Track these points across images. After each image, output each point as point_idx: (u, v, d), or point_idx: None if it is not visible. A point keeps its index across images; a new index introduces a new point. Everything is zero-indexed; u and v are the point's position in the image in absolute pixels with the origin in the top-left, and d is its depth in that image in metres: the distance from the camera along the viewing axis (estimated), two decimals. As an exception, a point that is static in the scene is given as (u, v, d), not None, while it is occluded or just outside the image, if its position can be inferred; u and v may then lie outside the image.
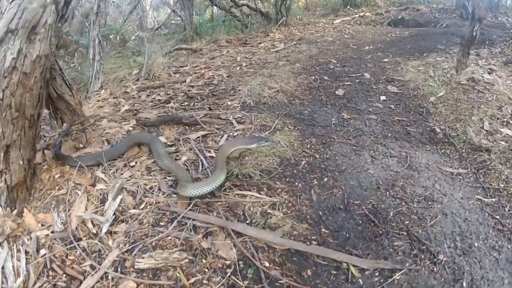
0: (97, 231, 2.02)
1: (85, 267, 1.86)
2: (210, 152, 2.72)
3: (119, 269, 1.85)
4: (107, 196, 2.22)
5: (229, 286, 1.84)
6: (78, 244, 1.95)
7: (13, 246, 1.94)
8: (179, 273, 1.83)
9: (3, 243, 1.94)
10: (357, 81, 4.40)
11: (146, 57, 4.69)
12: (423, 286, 2.02)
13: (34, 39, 1.91)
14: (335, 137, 3.16)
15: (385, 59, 5.11)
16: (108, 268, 1.85)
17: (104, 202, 2.18)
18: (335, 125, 3.39)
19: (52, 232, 2.02)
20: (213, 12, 7.83)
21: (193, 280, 1.83)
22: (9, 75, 1.89)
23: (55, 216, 2.11)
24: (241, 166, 2.51)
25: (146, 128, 3.09)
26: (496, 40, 5.60)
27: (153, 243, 1.99)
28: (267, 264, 1.95)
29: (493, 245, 2.43)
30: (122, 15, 8.39)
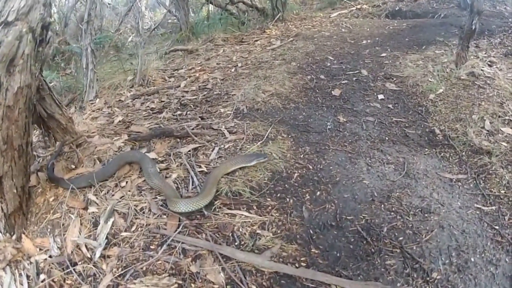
0: (91, 255, 2.00)
1: (82, 291, 1.85)
2: (200, 167, 2.62)
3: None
4: (99, 219, 2.19)
5: (217, 312, 1.78)
6: (74, 269, 1.93)
7: (15, 270, 1.95)
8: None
9: (5, 268, 1.95)
10: (354, 79, 4.23)
11: (140, 62, 4.55)
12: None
13: (14, 71, 1.85)
14: (330, 144, 3.03)
15: (383, 54, 4.90)
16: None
17: (96, 226, 2.15)
18: (330, 130, 3.25)
19: (50, 257, 2.02)
20: (209, 10, 7.60)
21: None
22: (-7, 110, 1.83)
23: (51, 241, 2.10)
24: (231, 183, 2.41)
25: (137, 143, 3.00)
26: (495, 31, 5.33)
27: (144, 268, 1.94)
28: (254, 288, 1.87)
29: (490, 259, 2.31)
30: (119, 17, 8.18)
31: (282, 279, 1.93)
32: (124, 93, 4.29)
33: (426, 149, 3.12)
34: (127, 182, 2.53)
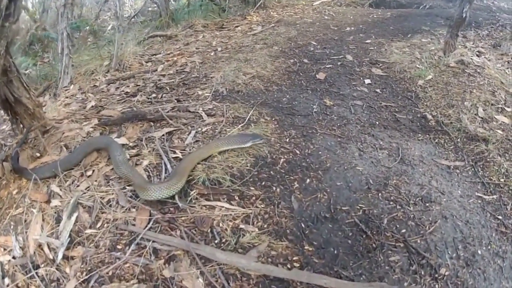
0: (54, 257, 1.73)
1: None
2: (175, 152, 2.20)
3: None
4: (62, 214, 1.88)
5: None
6: (37, 273, 1.67)
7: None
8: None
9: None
10: (339, 63, 3.88)
11: (116, 47, 4.04)
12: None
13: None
14: (317, 127, 2.67)
15: (368, 40, 4.58)
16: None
17: (59, 222, 1.85)
18: (317, 113, 2.89)
19: (13, 258, 1.77)
20: (189, -4, 7.10)
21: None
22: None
23: (13, 240, 1.84)
24: (209, 170, 1.99)
25: (108, 127, 2.55)
26: (482, 23, 5.15)
27: (110, 273, 1.61)
28: (239, 296, 1.50)
29: (496, 251, 2.08)
30: (99, 5, 7.56)
31: (273, 283, 1.57)
32: (99, 78, 3.80)
33: (420, 135, 2.83)
34: (93, 171, 2.16)
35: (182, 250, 1.66)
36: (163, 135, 2.40)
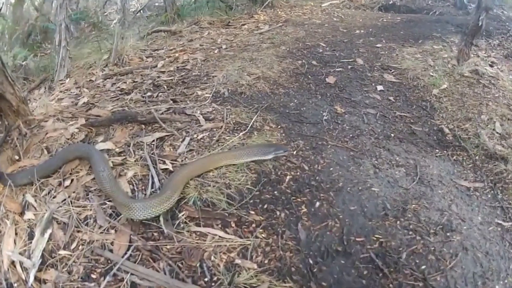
0: (26, 278, 1.50)
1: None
2: (164, 163, 1.83)
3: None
4: (35, 230, 1.63)
5: None
6: None
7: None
8: None
9: None
10: (349, 67, 3.49)
11: (116, 40, 3.65)
12: None
13: None
14: (328, 138, 2.30)
15: (378, 44, 4.18)
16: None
17: (32, 237, 1.61)
18: (327, 121, 2.51)
19: None
20: (196, -8, 6.67)
21: None
22: None
23: None
24: (202, 188, 1.62)
25: (94, 129, 2.19)
26: (493, 32, 4.74)
27: None
28: None
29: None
30: None
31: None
32: (96, 72, 3.42)
33: (437, 150, 2.46)
34: (72, 180, 1.84)
35: (166, 288, 1.32)
36: (153, 140, 2.04)
